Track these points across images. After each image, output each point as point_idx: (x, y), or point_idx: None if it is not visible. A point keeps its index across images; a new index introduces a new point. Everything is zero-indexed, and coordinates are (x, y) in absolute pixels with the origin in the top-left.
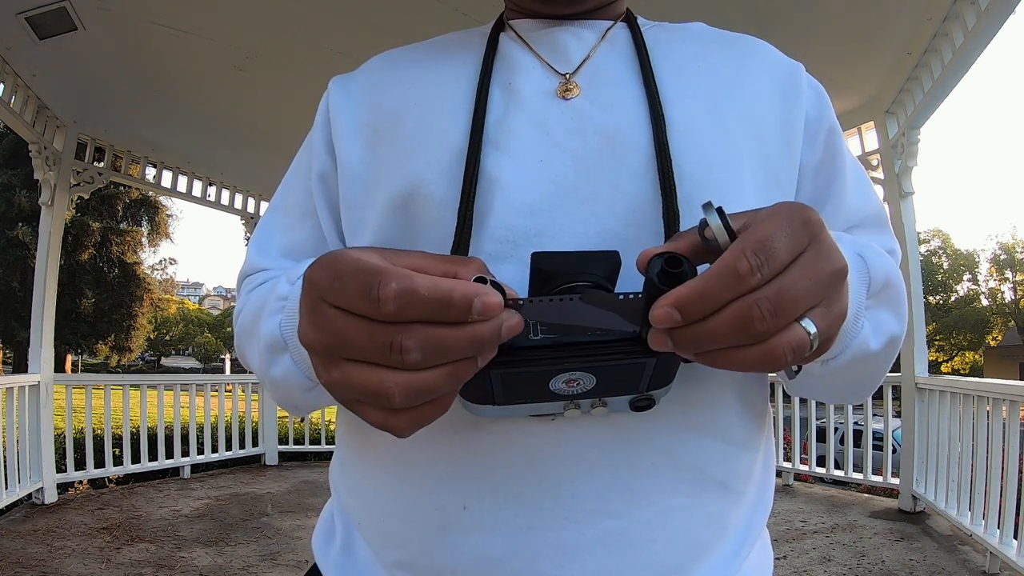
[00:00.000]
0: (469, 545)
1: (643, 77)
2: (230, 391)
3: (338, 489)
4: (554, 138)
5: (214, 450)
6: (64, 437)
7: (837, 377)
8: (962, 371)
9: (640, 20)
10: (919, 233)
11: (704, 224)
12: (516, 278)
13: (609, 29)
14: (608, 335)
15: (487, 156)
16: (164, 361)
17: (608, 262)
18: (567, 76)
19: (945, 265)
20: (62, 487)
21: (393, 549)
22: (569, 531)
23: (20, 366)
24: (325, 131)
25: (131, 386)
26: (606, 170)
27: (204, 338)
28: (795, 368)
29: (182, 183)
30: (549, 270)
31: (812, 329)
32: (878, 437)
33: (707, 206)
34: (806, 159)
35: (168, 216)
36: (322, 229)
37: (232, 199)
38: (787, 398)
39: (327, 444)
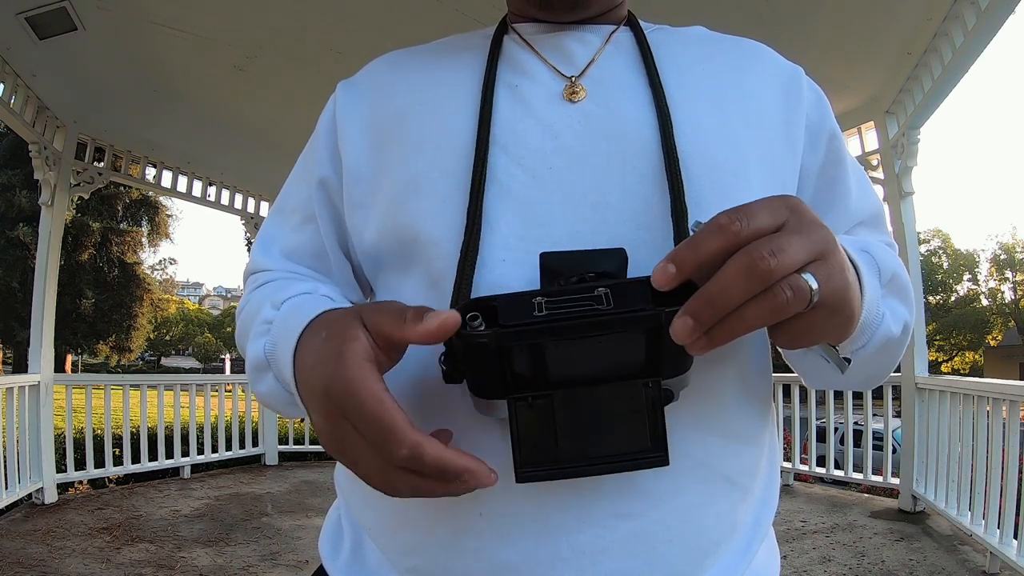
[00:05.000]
0: (486, 551)
1: (649, 80)
2: (230, 391)
3: (346, 497)
4: (563, 143)
5: (214, 450)
6: (64, 437)
7: (865, 366)
8: (962, 371)
9: (642, 23)
10: (919, 233)
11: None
12: (529, 285)
13: (613, 33)
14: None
15: (497, 160)
16: (164, 361)
17: (615, 258)
18: (572, 79)
19: (945, 265)
20: (62, 487)
21: (408, 556)
22: (587, 535)
23: (20, 366)
24: (330, 137)
25: (131, 386)
26: (615, 176)
27: (204, 338)
28: (847, 359)
29: (182, 183)
30: (557, 268)
31: (812, 281)
32: (878, 437)
33: (694, 227)
34: (808, 162)
35: (168, 216)
36: (321, 235)
37: (232, 199)
38: (787, 398)
39: None
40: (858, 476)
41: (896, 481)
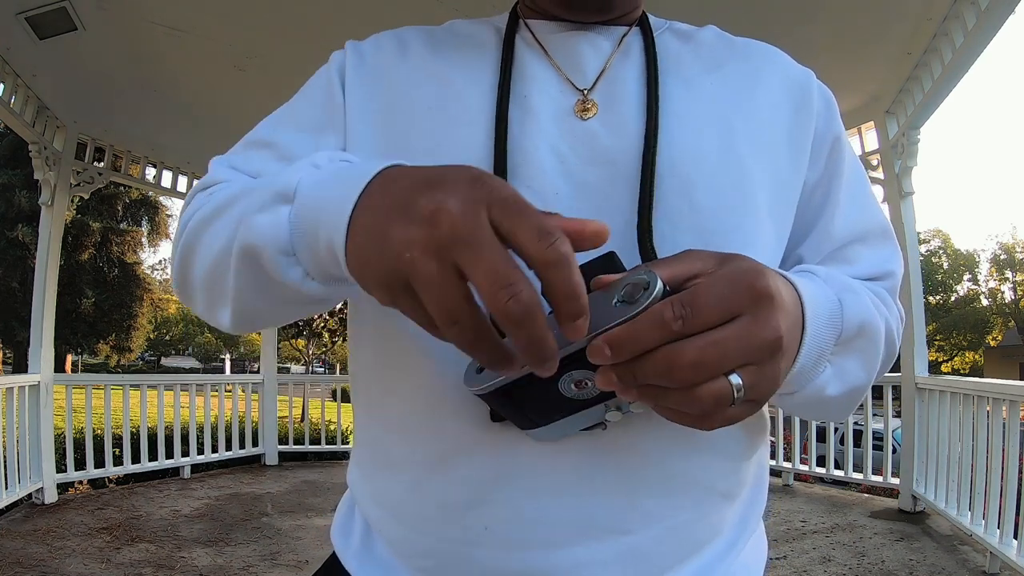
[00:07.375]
0: (492, 560)
1: (649, 99)
2: (230, 391)
3: (358, 494)
4: (568, 167)
5: (214, 450)
6: (64, 437)
7: (797, 409)
8: (962, 371)
9: (652, 21)
10: (919, 233)
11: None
12: None
13: (624, 36)
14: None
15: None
16: (164, 361)
17: (607, 265)
18: (585, 92)
19: (945, 265)
20: (62, 487)
21: (416, 558)
22: (586, 548)
23: (20, 366)
24: (340, 107)
25: (131, 386)
26: (615, 203)
27: (204, 338)
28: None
29: (182, 183)
30: None
31: (737, 381)
32: (878, 437)
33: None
34: (808, 177)
35: (168, 216)
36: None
37: None
38: None
39: (327, 444)
40: (858, 476)
41: (896, 481)
